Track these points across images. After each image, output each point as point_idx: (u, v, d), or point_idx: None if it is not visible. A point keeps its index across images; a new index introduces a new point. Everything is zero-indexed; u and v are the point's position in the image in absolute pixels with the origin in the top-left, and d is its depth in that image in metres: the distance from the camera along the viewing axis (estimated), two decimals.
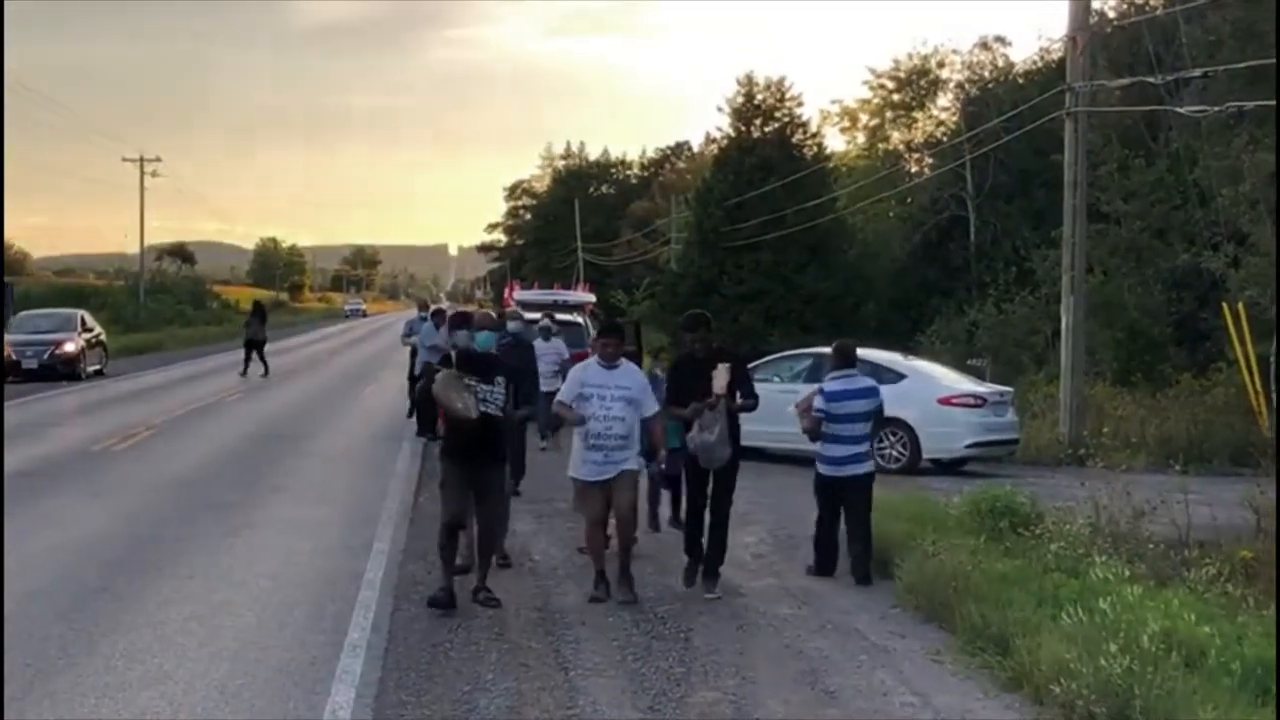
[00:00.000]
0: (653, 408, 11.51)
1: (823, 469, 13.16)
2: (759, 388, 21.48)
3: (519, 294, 33.32)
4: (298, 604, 10.95)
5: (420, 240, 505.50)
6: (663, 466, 13.11)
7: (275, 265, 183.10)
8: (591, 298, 34.43)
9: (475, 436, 10.70)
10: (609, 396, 11.17)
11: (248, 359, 39.15)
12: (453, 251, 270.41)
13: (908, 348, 32.41)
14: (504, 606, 10.85)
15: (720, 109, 55.20)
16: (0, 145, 26.24)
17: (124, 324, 67.62)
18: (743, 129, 54.18)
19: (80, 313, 40.99)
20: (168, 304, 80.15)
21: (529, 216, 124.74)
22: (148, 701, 8.19)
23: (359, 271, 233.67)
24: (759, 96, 54.14)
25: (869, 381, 13.95)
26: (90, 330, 39.77)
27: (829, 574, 12.79)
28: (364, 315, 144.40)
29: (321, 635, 9.89)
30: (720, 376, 11.44)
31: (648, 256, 77.12)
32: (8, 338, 37.15)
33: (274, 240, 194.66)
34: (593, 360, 11.65)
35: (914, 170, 57.76)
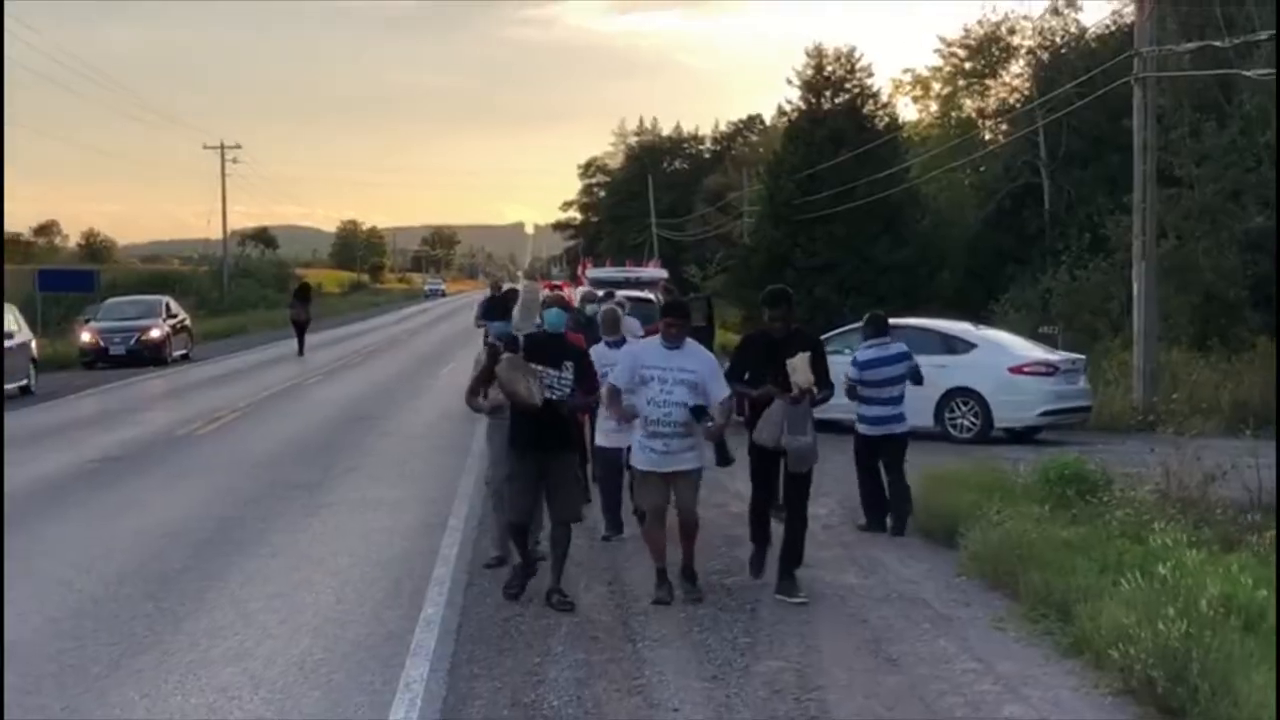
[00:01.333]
0: (722, 391, 10.42)
1: (863, 428, 14.29)
2: (831, 360, 22.10)
3: (591, 272, 33.55)
4: (376, 581, 11.25)
5: (497, 220, 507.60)
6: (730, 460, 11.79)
7: (356, 247, 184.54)
8: (664, 274, 34.58)
9: (543, 424, 10.11)
10: (670, 380, 10.24)
11: (300, 338, 41.68)
12: (529, 230, 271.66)
13: (980, 317, 32.39)
14: (576, 583, 10.90)
15: (790, 81, 55.09)
16: (0, 143, 26.51)
17: (208, 308, 68.58)
18: (813, 101, 54.04)
19: (165, 299, 41.77)
20: (250, 288, 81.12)
21: (603, 194, 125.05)
22: (230, 678, 8.49)
23: (437, 251, 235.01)
24: (829, 68, 53.97)
25: (901, 347, 14.78)
26: (175, 316, 40.53)
27: (881, 529, 13.70)
28: (443, 295, 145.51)
29: (398, 610, 10.18)
30: (803, 368, 10.45)
31: (722, 230, 77.10)
32: (96, 324, 37.96)
33: (354, 222, 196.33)
34: (653, 339, 10.87)
35: (988, 138, 57.41)
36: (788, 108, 56.84)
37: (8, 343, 27.94)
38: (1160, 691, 7.85)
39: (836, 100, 53.68)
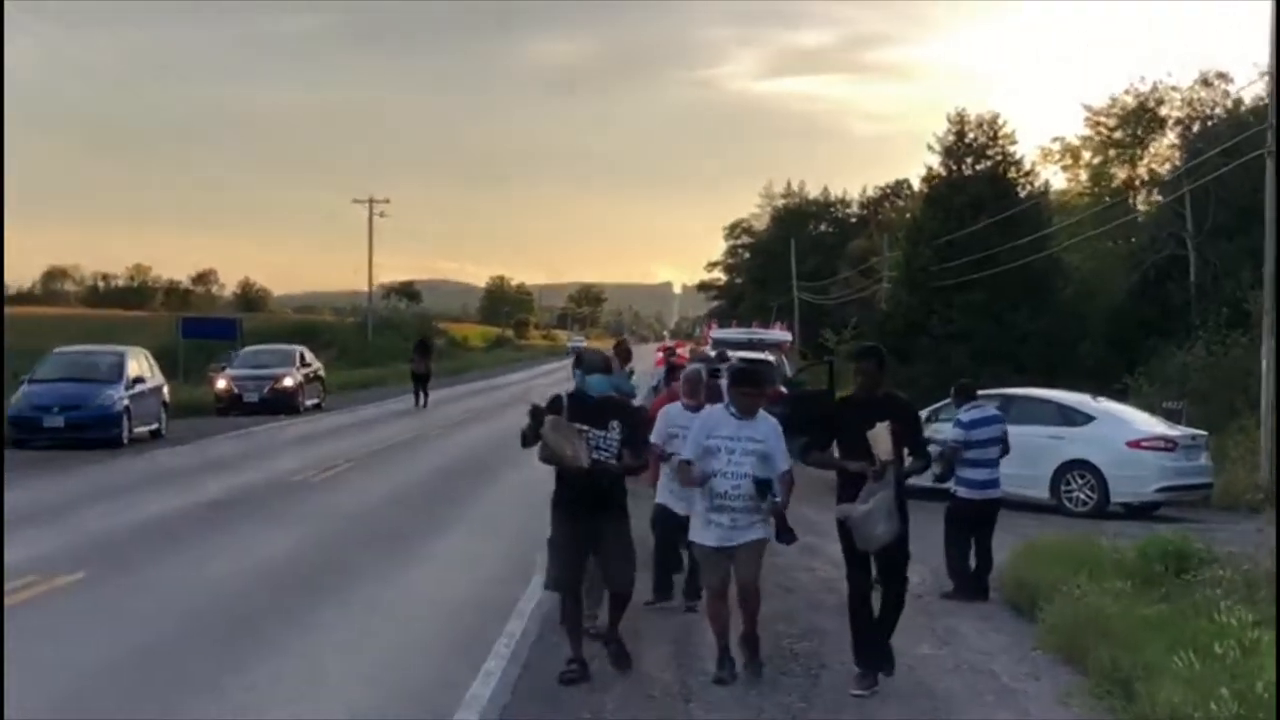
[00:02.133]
0: (785, 463, 9.87)
1: (965, 492, 14.31)
2: (938, 428, 21.93)
3: (715, 332, 33.65)
4: (446, 632, 11.39)
5: (646, 279, 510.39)
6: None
7: (503, 303, 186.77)
8: (788, 336, 34.56)
9: (588, 486, 9.66)
10: (739, 450, 9.69)
11: (417, 392, 43.25)
12: (676, 290, 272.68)
13: (1113, 391, 31.89)
14: (637, 653, 10.55)
15: (931, 147, 54.83)
16: (0, 159, 27.09)
17: (351, 359, 69.65)
18: (953, 167, 53.75)
19: (299, 349, 42.57)
20: (392, 340, 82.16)
21: (747, 255, 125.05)
22: None
23: (583, 309, 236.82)
24: (970, 134, 53.66)
25: (995, 410, 15.28)
26: (309, 365, 41.31)
27: (969, 598, 13.60)
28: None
29: (461, 661, 10.25)
30: (882, 438, 9.53)
31: (863, 295, 76.73)
32: (231, 372, 38.83)
33: (502, 278, 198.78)
34: (720, 407, 10.20)
35: (1142, 208, 56.58)
36: (928, 174, 56.44)
37: (139, 387, 28.68)
38: None
39: (978, 167, 53.30)
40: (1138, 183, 57.35)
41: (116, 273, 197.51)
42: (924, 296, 51.63)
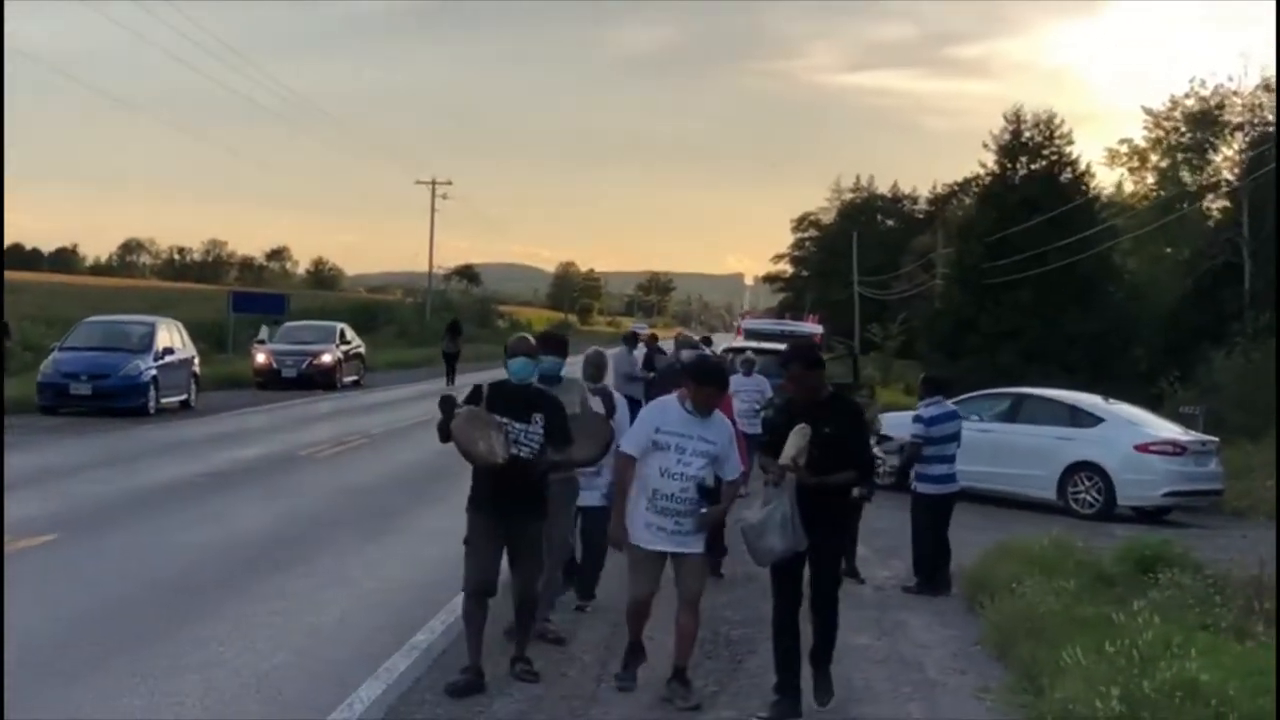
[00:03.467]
0: (735, 470, 9.10)
1: (925, 488, 14.38)
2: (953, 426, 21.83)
3: (747, 323, 33.69)
4: (391, 605, 11.50)
5: (717, 269, 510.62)
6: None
7: (572, 288, 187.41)
8: (819, 329, 34.51)
9: (506, 484, 8.89)
10: (689, 450, 8.78)
11: (449, 371, 43.87)
12: (748, 281, 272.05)
13: (1151, 395, 31.70)
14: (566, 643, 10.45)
15: (986, 145, 54.69)
16: (1, 152, 27.47)
17: (410, 339, 70.13)
18: (1008, 165, 53.55)
19: (340, 326, 42.91)
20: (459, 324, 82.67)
21: (813, 248, 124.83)
22: (187, 684, 8.79)
23: (651, 297, 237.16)
24: (1026, 133, 53.44)
25: (954, 407, 15.34)
26: (349, 343, 41.69)
27: (933, 592, 13.67)
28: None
29: (391, 635, 10.37)
30: (794, 440, 8.63)
31: (922, 291, 76.56)
32: (271, 346, 39.24)
33: (571, 264, 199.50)
34: (674, 400, 9.03)
35: (1215, 214, 56.09)
36: (982, 171, 56.30)
37: (169, 358, 29.10)
38: None
39: (1033, 166, 53.06)
40: (1199, 187, 56.85)
41: (192, 247, 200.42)
42: (974, 294, 51.65)
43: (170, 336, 29.91)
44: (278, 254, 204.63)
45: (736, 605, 12.16)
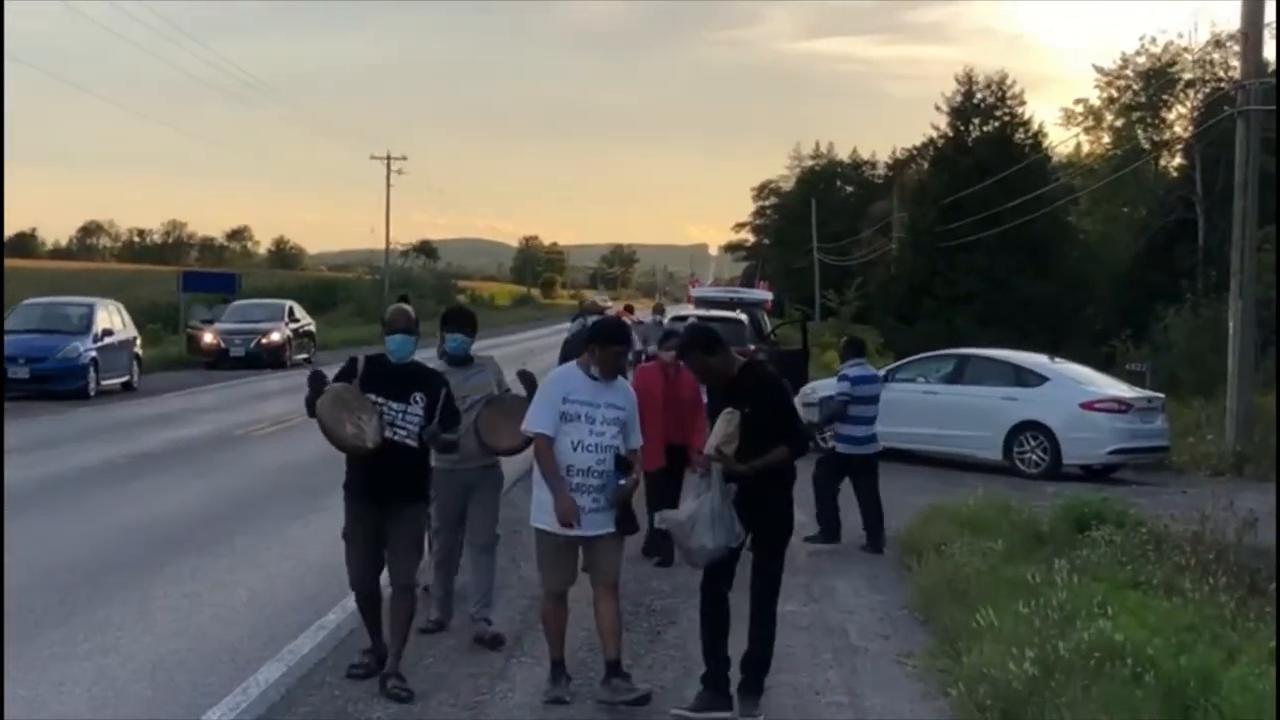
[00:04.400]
0: (639, 439, 8.37)
1: (843, 448, 14.47)
2: (901, 388, 21.77)
3: (696, 290, 33.56)
4: (304, 585, 11.23)
5: (681, 239, 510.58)
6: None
7: (535, 262, 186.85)
8: (769, 296, 34.37)
9: (382, 470, 8.14)
10: (599, 419, 8.09)
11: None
12: (712, 251, 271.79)
13: (1103, 355, 31.57)
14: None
15: (938, 107, 54.50)
16: (1, 146, 27.26)
17: (367, 317, 69.64)
18: (960, 127, 53.36)
19: (289, 304, 42.47)
20: (409, 299, 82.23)
21: (775, 216, 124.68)
22: (76, 671, 8.54)
23: (615, 269, 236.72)
24: (979, 95, 53.27)
25: (875, 370, 15.40)
26: (298, 321, 41.25)
27: (836, 541, 13.99)
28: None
29: (300, 616, 10.11)
30: (719, 428, 7.92)
31: (882, 255, 76.46)
32: (220, 326, 38.81)
33: (534, 238, 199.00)
34: (574, 367, 8.38)
35: (1167, 171, 56.05)
36: (935, 134, 56.08)
37: (108, 339, 28.69)
38: None
39: (985, 128, 52.89)
40: (1151, 144, 56.82)
41: (153, 228, 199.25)
42: (928, 258, 51.45)
43: (110, 318, 29.48)
44: (238, 234, 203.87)
45: (664, 575, 11.94)
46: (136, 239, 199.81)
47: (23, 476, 16.46)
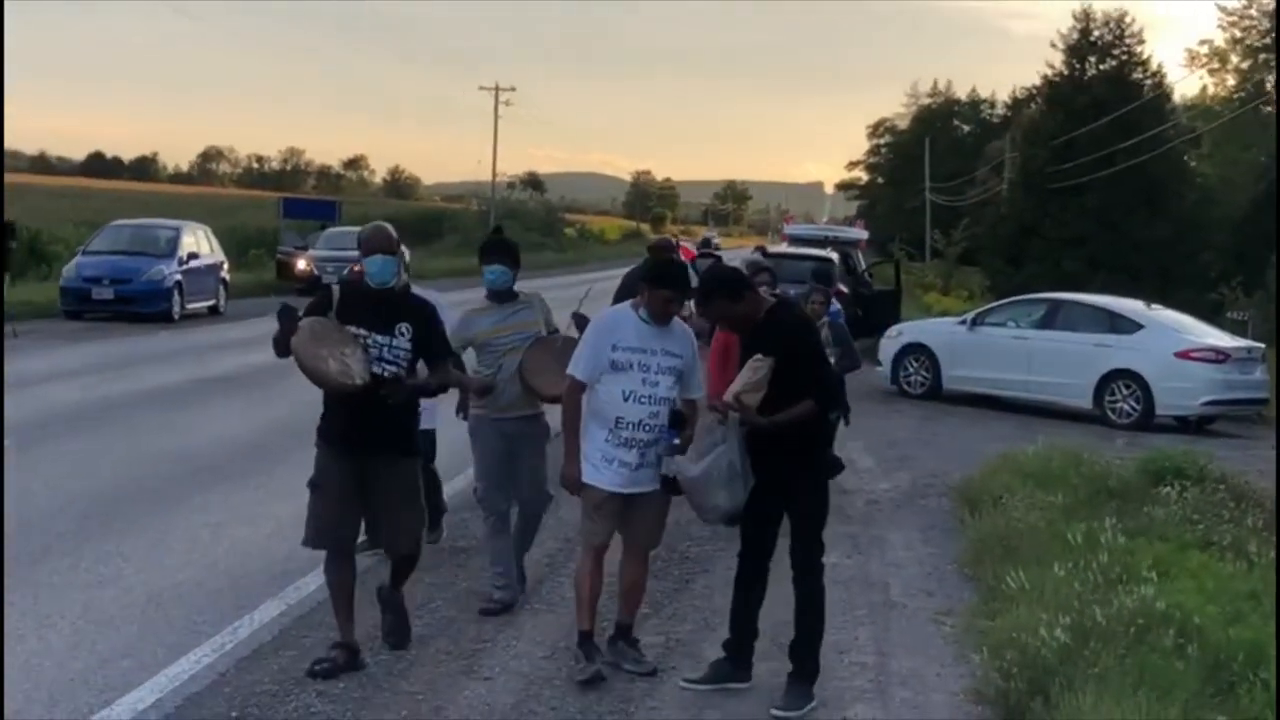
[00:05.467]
0: (699, 389, 7.70)
1: None
2: (991, 332, 21.12)
3: (790, 228, 32.93)
4: (265, 554, 9.87)
5: (797, 177, 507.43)
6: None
7: (648, 198, 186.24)
8: (864, 234, 33.67)
9: (368, 414, 7.06)
10: (654, 367, 7.34)
11: None
12: (828, 189, 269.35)
13: (1211, 302, 30.58)
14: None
15: (1054, 44, 53.07)
16: (1, 129, 27.30)
17: (471, 248, 69.53)
18: (1076, 66, 51.93)
19: None
20: (514, 231, 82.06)
21: (890, 155, 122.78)
22: (63, 603, 8.26)
23: (727, 206, 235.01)
24: (1096, 32, 51.76)
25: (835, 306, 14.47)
26: None
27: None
28: (717, 248, 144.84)
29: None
30: (745, 374, 7.14)
31: (996, 197, 74.95)
32: (313, 253, 38.67)
33: (647, 172, 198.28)
34: (628, 310, 7.56)
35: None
36: (1049, 72, 54.61)
37: (194, 263, 28.64)
38: (1013, 704, 7.01)
39: (1101, 66, 51.43)
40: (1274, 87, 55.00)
41: (271, 155, 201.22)
42: (1039, 199, 50.26)
43: (197, 242, 29.43)
44: (354, 162, 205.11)
45: (704, 535, 11.24)
46: (255, 165, 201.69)
47: (78, 399, 16.34)
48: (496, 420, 8.50)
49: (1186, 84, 57.38)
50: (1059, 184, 48.81)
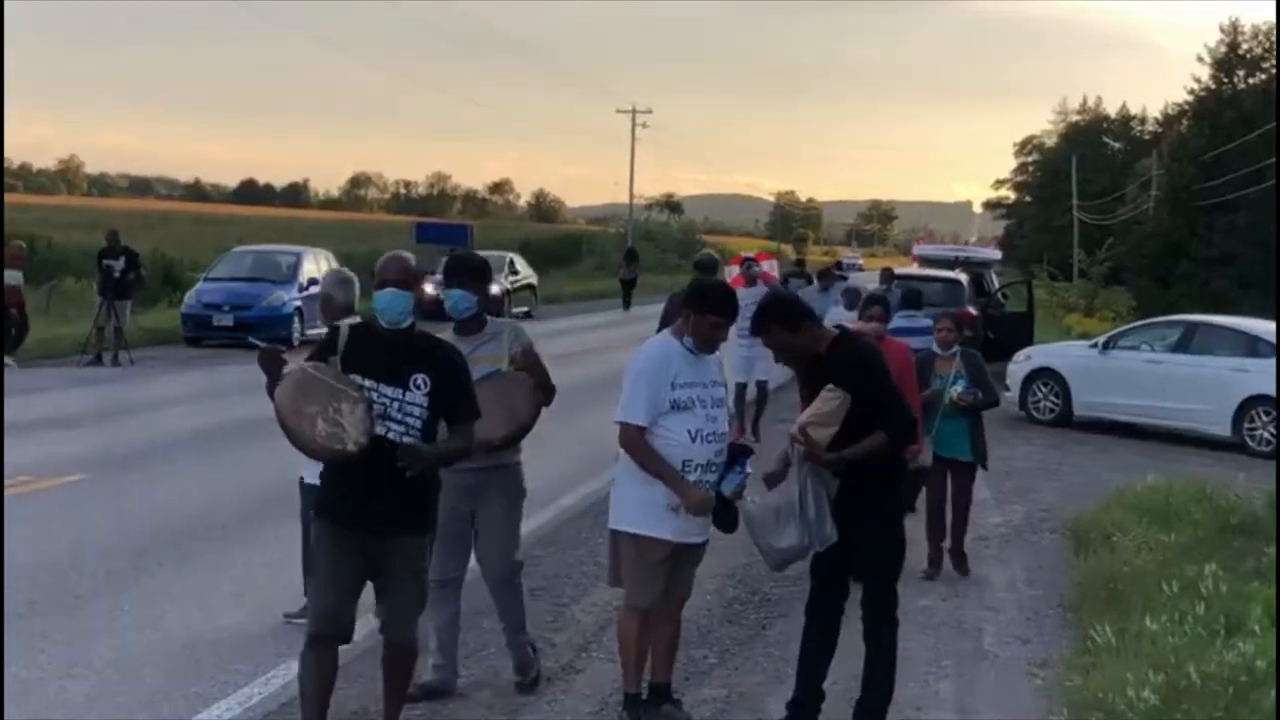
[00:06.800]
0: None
1: None
2: (1124, 355, 20.23)
3: (920, 249, 32.15)
4: None
5: (944, 197, 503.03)
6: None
7: (792, 219, 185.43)
8: (997, 255, 32.74)
9: (370, 485, 5.98)
10: (709, 401, 6.77)
11: (625, 297, 46.16)
12: (976, 209, 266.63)
13: None
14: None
15: (1200, 59, 51.59)
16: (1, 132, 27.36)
17: (609, 270, 69.41)
18: (1224, 80, 50.45)
19: (510, 256, 41.91)
20: (649, 253, 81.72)
21: (1036, 173, 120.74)
22: (93, 650, 7.94)
23: (871, 226, 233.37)
24: (1244, 45, 50.22)
25: (927, 321, 13.62)
26: (518, 274, 40.82)
27: None
28: (860, 269, 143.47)
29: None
30: (817, 405, 6.67)
31: (1141, 214, 73.15)
32: (437, 278, 38.48)
33: (791, 193, 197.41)
34: (672, 339, 6.87)
35: None
36: (1196, 87, 53.10)
37: (314, 289, 28.52)
38: None
39: (1250, 80, 49.88)
40: None
41: (418, 181, 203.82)
42: (1186, 216, 48.86)
43: (317, 267, 29.34)
44: (500, 187, 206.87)
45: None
46: (402, 191, 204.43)
47: (172, 428, 16.13)
48: (457, 472, 6.78)
49: None
50: (1207, 201, 47.34)
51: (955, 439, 10.65)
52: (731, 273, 19.49)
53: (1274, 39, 50.14)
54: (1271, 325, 20.98)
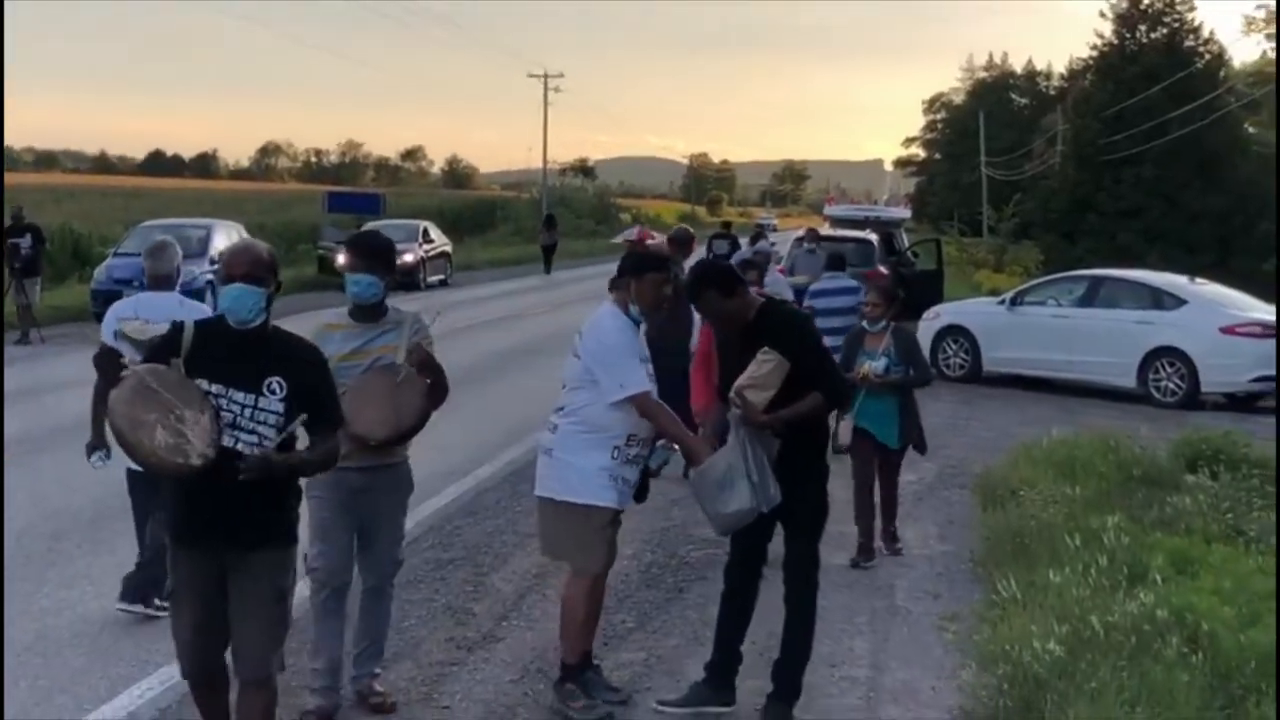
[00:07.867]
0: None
1: None
2: (1031, 311, 20.52)
3: (830, 209, 32.34)
4: None
5: (854, 155, 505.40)
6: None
7: (706, 181, 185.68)
8: (907, 213, 33.03)
9: (216, 500, 5.23)
10: (651, 373, 6.88)
11: (546, 262, 46.95)
12: (888, 166, 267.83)
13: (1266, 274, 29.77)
14: None
15: (1103, 14, 52.14)
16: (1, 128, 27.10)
17: (524, 236, 69.37)
18: (1126, 35, 51.03)
19: (424, 225, 41.67)
20: (565, 218, 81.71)
21: (945, 130, 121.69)
22: (14, 633, 7.94)
23: (785, 186, 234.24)
24: (1145, 1, 50.83)
25: (852, 282, 15.37)
26: (433, 242, 40.65)
27: None
28: (774, 229, 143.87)
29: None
30: (751, 369, 6.72)
31: (1048, 170, 73.95)
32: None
33: (704, 155, 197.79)
34: (618, 312, 6.89)
35: None
36: (1099, 42, 53.68)
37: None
38: None
39: (1152, 35, 50.50)
40: None
41: (329, 149, 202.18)
42: (1092, 171, 49.42)
43: (229, 240, 29.07)
44: (412, 154, 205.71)
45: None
46: (314, 160, 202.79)
47: (83, 408, 15.85)
48: (340, 470, 6.15)
49: (1245, 51, 56.14)
50: (1112, 156, 47.95)
51: (883, 421, 10.23)
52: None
53: None
54: (1176, 278, 21.41)
